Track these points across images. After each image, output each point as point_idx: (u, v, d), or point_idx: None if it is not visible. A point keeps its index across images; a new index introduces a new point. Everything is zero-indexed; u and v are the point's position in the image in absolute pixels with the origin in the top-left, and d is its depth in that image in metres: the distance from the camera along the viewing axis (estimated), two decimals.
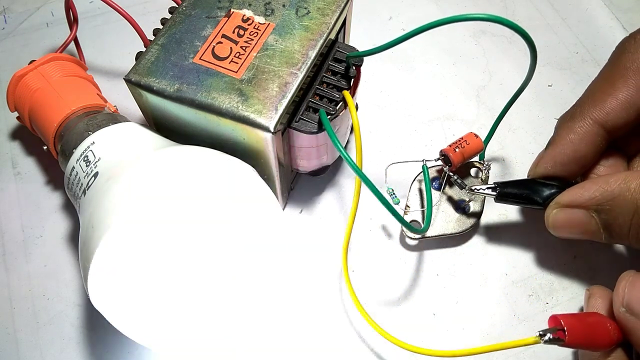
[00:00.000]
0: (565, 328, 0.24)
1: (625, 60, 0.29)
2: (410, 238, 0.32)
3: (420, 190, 0.33)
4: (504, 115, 0.32)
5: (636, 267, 0.32)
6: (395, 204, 0.30)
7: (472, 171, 0.33)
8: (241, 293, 0.27)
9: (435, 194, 0.33)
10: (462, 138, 0.31)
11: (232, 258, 0.26)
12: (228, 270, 0.26)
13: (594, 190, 0.27)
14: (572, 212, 0.28)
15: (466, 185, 0.31)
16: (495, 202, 0.31)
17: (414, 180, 0.33)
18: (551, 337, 0.24)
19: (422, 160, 0.32)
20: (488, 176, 0.33)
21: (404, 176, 0.34)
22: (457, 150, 0.31)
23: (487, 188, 0.30)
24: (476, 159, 0.33)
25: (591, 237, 0.28)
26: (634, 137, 0.30)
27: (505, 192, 0.30)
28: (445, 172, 0.32)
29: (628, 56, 0.29)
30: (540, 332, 0.24)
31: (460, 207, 0.33)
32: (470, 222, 0.32)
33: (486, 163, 0.33)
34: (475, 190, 0.30)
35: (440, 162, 0.32)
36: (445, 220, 0.32)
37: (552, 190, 0.29)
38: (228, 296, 0.27)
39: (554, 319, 0.25)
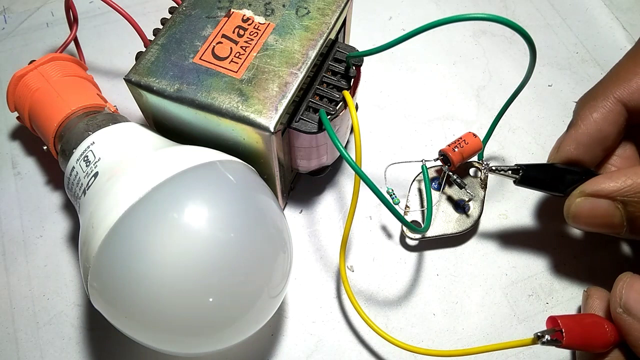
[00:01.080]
0: (562, 329, 0.24)
1: None
2: (411, 238, 0.32)
3: (420, 191, 0.33)
4: (502, 114, 0.32)
5: (636, 267, 0.32)
6: (395, 204, 0.30)
7: (471, 171, 0.33)
8: (242, 292, 0.27)
9: (435, 194, 0.33)
10: (460, 138, 0.31)
11: (232, 258, 0.26)
12: (228, 270, 0.26)
13: (623, 180, 0.26)
14: (596, 202, 0.26)
15: (466, 185, 0.31)
16: (515, 184, 0.30)
17: (413, 180, 0.33)
18: (549, 338, 0.24)
19: (422, 161, 0.32)
20: (487, 176, 0.33)
21: (404, 176, 0.34)
22: (456, 149, 0.31)
23: (510, 169, 0.29)
24: (475, 158, 0.33)
25: (611, 230, 0.27)
26: None
27: (529, 175, 0.29)
28: (445, 172, 0.32)
29: None
30: (538, 334, 0.24)
31: (460, 206, 0.33)
32: (470, 222, 0.32)
33: (485, 163, 0.33)
34: (496, 171, 0.29)
35: (439, 162, 0.32)
36: (445, 220, 0.32)
37: (575, 177, 0.28)
38: (228, 296, 0.27)
39: (551, 320, 0.25)
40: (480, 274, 0.32)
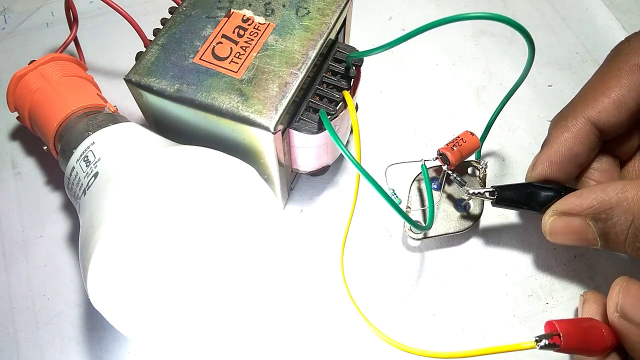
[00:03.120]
0: (560, 334, 0.24)
1: (618, 61, 0.29)
2: (413, 238, 0.32)
3: (420, 190, 0.33)
4: (499, 112, 0.32)
5: (636, 267, 0.32)
6: (398, 204, 0.30)
7: (470, 170, 0.33)
8: (241, 293, 0.27)
9: (435, 194, 0.33)
10: (458, 137, 0.31)
11: (232, 258, 0.26)
12: (228, 270, 0.26)
13: (592, 199, 0.27)
14: (569, 220, 0.28)
15: (466, 183, 0.31)
16: (493, 206, 0.31)
17: (413, 180, 0.33)
18: (547, 342, 0.24)
19: (421, 160, 0.32)
20: (485, 174, 0.33)
21: (404, 177, 0.34)
22: (454, 148, 0.31)
23: (486, 192, 0.30)
24: (473, 157, 0.33)
25: (587, 244, 0.28)
26: (626, 140, 0.30)
27: (504, 196, 0.30)
28: (444, 171, 0.32)
29: (621, 57, 0.29)
30: (537, 338, 0.25)
31: (460, 205, 0.33)
32: (471, 220, 0.32)
33: (483, 162, 0.33)
34: (474, 195, 0.30)
35: (438, 162, 0.32)
36: (446, 219, 0.32)
37: (550, 194, 0.29)
38: (228, 296, 0.27)
39: (549, 324, 0.25)
40: (480, 274, 0.32)
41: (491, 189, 0.30)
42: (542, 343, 0.24)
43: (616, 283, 0.26)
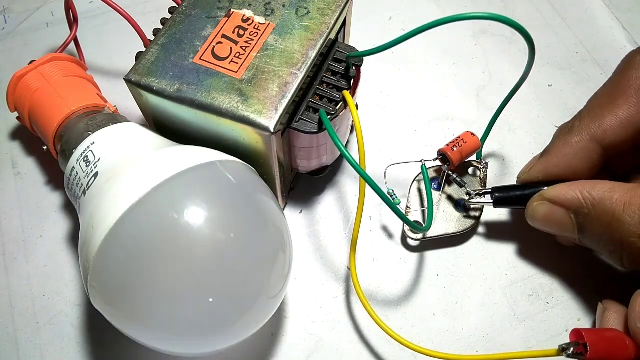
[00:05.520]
0: (587, 343, 0.24)
1: (629, 77, 0.28)
2: (412, 239, 0.32)
3: (420, 191, 0.33)
4: (501, 112, 0.32)
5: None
6: (397, 204, 0.30)
7: (470, 170, 0.33)
8: (241, 293, 0.27)
9: (435, 194, 0.33)
10: (459, 137, 0.31)
11: (232, 258, 0.26)
12: (228, 270, 0.26)
13: (579, 192, 0.27)
14: (552, 208, 0.28)
15: (466, 184, 0.31)
16: (494, 208, 0.31)
17: (413, 180, 0.33)
18: (573, 351, 0.24)
19: (421, 161, 0.32)
20: (486, 175, 0.33)
21: (404, 177, 0.34)
22: (455, 149, 0.31)
23: (485, 192, 0.31)
24: (474, 158, 0.33)
25: (566, 234, 0.28)
26: (626, 157, 0.30)
27: (503, 199, 0.30)
28: (445, 172, 0.32)
29: (632, 73, 0.28)
30: (563, 346, 0.25)
31: (460, 206, 0.33)
32: (471, 221, 0.32)
33: (484, 162, 0.33)
34: (474, 202, 0.31)
35: (438, 162, 0.32)
36: (446, 220, 0.32)
37: None
38: (228, 296, 0.27)
39: (576, 332, 0.25)
40: (480, 274, 0.32)
41: (490, 191, 0.31)
42: (569, 351, 0.24)
43: (638, 294, 0.26)
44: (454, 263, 0.32)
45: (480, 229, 0.33)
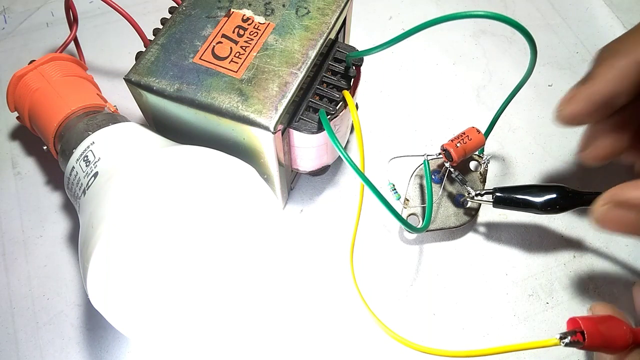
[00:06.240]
0: (584, 331, 0.24)
1: None
2: (410, 232, 0.32)
3: (420, 185, 0.33)
4: (502, 111, 0.32)
5: (636, 269, 0.32)
6: (397, 199, 0.30)
7: (472, 164, 0.33)
8: (242, 293, 0.27)
9: (435, 188, 0.32)
10: (464, 133, 0.31)
11: (232, 258, 0.26)
12: (228, 270, 0.26)
13: None
14: (625, 212, 0.25)
15: (467, 182, 0.31)
16: (494, 207, 0.31)
17: (413, 173, 0.33)
18: (570, 339, 0.24)
19: (424, 155, 0.31)
20: (487, 170, 0.33)
21: (405, 171, 0.34)
22: (458, 145, 0.31)
23: (486, 192, 0.31)
24: (476, 152, 0.33)
25: None
26: None
27: (504, 199, 0.30)
28: (446, 168, 0.32)
29: None
30: (561, 335, 0.24)
31: (458, 201, 0.32)
32: (468, 216, 0.32)
33: (485, 157, 0.33)
34: (475, 199, 0.31)
35: (441, 157, 0.32)
36: (445, 214, 0.32)
37: (551, 195, 0.29)
38: (228, 296, 0.27)
39: (573, 321, 0.25)
40: (480, 274, 0.32)
41: (491, 191, 0.30)
42: (566, 340, 0.24)
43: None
44: (454, 263, 0.32)
45: (481, 229, 0.33)
